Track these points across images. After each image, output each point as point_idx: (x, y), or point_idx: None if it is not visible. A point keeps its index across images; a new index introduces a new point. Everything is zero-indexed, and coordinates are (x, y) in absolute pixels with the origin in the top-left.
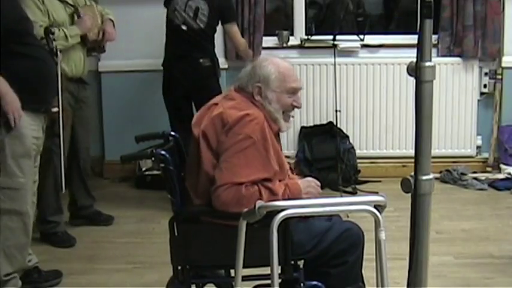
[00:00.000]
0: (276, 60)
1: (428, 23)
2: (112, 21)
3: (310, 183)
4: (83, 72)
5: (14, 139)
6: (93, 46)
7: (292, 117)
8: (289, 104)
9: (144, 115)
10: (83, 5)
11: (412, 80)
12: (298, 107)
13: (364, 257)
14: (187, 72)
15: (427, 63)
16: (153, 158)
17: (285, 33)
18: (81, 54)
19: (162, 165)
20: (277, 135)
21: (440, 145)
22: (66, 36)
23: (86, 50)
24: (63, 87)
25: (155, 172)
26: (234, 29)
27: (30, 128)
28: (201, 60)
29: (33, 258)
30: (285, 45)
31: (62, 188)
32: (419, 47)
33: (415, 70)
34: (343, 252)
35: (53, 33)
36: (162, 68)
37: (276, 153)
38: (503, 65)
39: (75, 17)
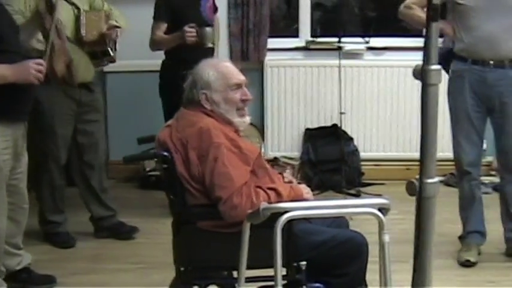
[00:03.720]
0: (212, 62)
1: (435, 26)
2: (117, 27)
3: (307, 189)
4: (85, 78)
5: None
6: (94, 51)
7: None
8: (238, 99)
9: (148, 115)
10: (96, 9)
11: (417, 83)
12: (248, 100)
13: (368, 259)
14: None
15: (433, 67)
16: (155, 159)
17: (208, 30)
18: (80, 59)
19: (165, 165)
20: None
21: (445, 148)
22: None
23: (90, 57)
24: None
25: (159, 173)
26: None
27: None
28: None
29: (24, 259)
30: (211, 45)
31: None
32: (425, 50)
33: (421, 73)
34: (344, 263)
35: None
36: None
37: (247, 147)
38: None
39: (79, 20)
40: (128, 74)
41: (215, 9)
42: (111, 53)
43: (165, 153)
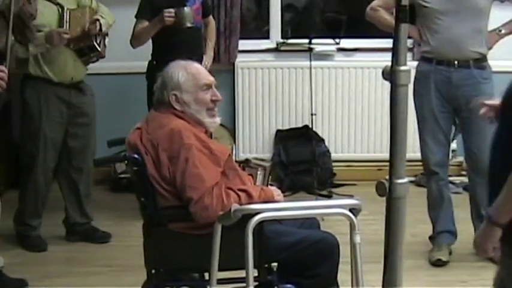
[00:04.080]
0: (181, 64)
1: (404, 27)
2: (100, 22)
3: (277, 191)
4: (73, 77)
5: None
6: (80, 47)
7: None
8: (209, 100)
9: (119, 118)
10: (80, 7)
11: (387, 84)
12: (218, 100)
13: (340, 260)
14: None
15: (402, 67)
16: (126, 162)
17: (186, 10)
18: (67, 57)
19: (135, 168)
20: (210, 136)
21: (416, 149)
22: (27, 45)
23: (79, 55)
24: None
25: (130, 175)
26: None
27: None
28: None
29: None
30: (189, 24)
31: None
32: (395, 51)
33: (390, 74)
34: (316, 264)
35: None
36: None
37: (217, 148)
38: None
39: (64, 19)
40: (106, 76)
41: (206, 12)
42: (99, 48)
43: (136, 156)
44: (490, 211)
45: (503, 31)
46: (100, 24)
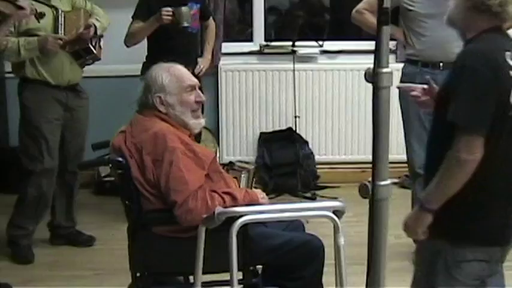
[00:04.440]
0: (164, 66)
1: (385, 30)
2: (94, 25)
3: (262, 193)
4: (70, 80)
5: None
6: (76, 50)
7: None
8: (193, 101)
9: (103, 122)
10: (75, 9)
11: (371, 86)
12: (202, 101)
13: (325, 262)
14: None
15: (384, 70)
16: (110, 165)
17: (184, 9)
18: (63, 60)
19: (120, 171)
20: (195, 139)
21: (400, 150)
22: (19, 49)
23: (75, 58)
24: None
25: (114, 178)
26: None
27: None
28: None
29: None
30: (186, 24)
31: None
32: (377, 53)
33: (373, 76)
34: (300, 267)
35: None
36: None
37: (202, 151)
38: None
39: (59, 21)
40: (98, 78)
41: (206, 14)
42: (94, 51)
43: (120, 159)
44: (422, 197)
45: None
46: (95, 28)
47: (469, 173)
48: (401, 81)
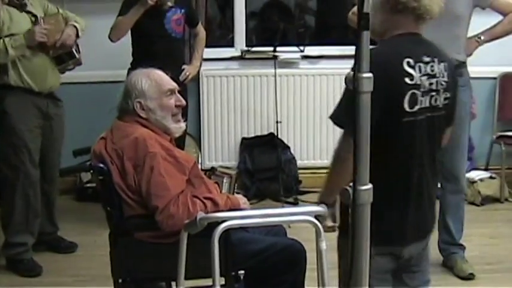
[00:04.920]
0: (143, 72)
1: (366, 35)
2: (76, 27)
3: (243, 199)
4: (51, 86)
5: None
6: (59, 54)
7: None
8: (173, 105)
9: (84, 128)
10: (51, 14)
11: None
12: (182, 105)
13: (307, 267)
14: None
15: (364, 74)
16: (91, 171)
17: None
18: (46, 66)
19: (101, 177)
20: (178, 145)
21: None
22: (6, 48)
23: (57, 63)
24: (30, 103)
25: (96, 185)
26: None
27: None
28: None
29: None
30: (170, 4)
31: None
32: (357, 58)
33: (353, 81)
34: (282, 272)
35: None
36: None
37: (182, 156)
38: None
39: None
40: (75, 85)
41: (193, 21)
42: (77, 55)
43: (101, 165)
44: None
45: (482, 38)
46: (77, 31)
47: (351, 169)
48: None
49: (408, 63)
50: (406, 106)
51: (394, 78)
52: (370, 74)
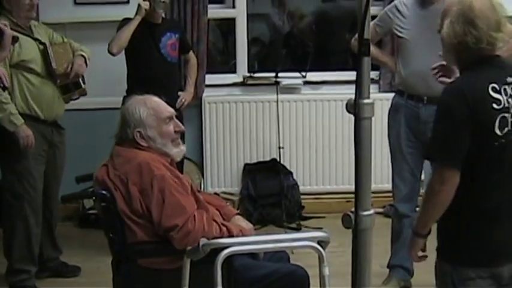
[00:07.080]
0: (140, 99)
1: (366, 61)
2: (84, 57)
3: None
4: (56, 115)
5: None
6: (66, 83)
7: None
8: (172, 131)
9: (87, 154)
10: (55, 42)
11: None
12: (181, 130)
13: None
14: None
15: (366, 101)
16: (94, 198)
17: None
18: (53, 94)
19: (103, 204)
20: (176, 167)
21: (384, 179)
22: (4, 108)
23: (62, 92)
24: (36, 130)
25: (98, 211)
26: None
27: None
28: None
29: None
30: (163, 14)
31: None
32: (358, 84)
33: (354, 107)
34: None
35: None
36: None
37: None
38: None
39: (48, 54)
40: (76, 111)
41: (185, 48)
42: (83, 85)
43: (103, 192)
44: (413, 224)
45: None
46: (86, 60)
47: (444, 201)
48: (389, 111)
49: (493, 88)
50: (497, 131)
51: (481, 107)
52: (371, 100)
